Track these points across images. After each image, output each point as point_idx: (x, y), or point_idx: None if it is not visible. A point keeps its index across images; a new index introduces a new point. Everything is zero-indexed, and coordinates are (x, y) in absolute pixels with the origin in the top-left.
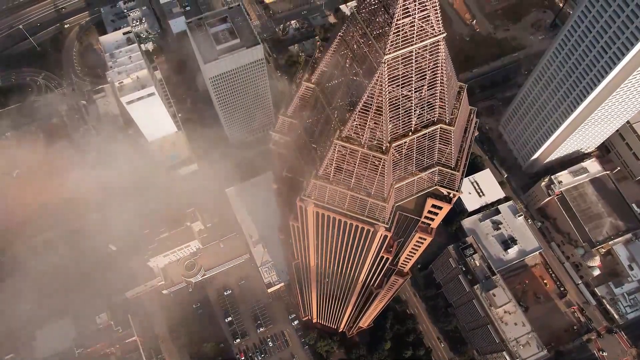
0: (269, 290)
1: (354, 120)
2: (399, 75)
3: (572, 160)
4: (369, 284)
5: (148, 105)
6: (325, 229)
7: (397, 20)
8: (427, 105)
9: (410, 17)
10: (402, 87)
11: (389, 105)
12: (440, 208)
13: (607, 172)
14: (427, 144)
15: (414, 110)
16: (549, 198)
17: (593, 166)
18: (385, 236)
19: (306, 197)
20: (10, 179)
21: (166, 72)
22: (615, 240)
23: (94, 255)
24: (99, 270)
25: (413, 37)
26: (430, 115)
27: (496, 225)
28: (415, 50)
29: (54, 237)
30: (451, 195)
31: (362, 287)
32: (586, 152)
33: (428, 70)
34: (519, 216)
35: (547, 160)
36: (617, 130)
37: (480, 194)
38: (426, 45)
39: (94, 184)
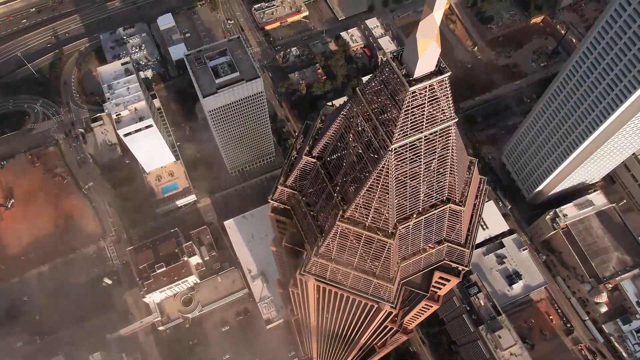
0: (268, 327)
1: (358, 201)
2: (406, 159)
3: (577, 191)
4: (371, 342)
5: (146, 137)
6: (326, 299)
7: (406, 109)
8: (436, 185)
9: (420, 106)
10: (410, 174)
11: (396, 187)
12: (448, 280)
13: (613, 204)
14: (435, 222)
15: (422, 191)
16: (554, 232)
17: (598, 199)
18: (390, 312)
19: (306, 273)
20: (4, 209)
21: (165, 100)
22: (623, 276)
23: (89, 290)
24: (94, 305)
25: (422, 124)
26: (439, 196)
27: (500, 259)
28: (425, 136)
29: (47, 270)
30: (460, 268)
31: (364, 344)
32: (591, 182)
33: (437, 151)
34: (524, 250)
35: (552, 192)
36: (622, 161)
37: (484, 226)
38: (436, 131)
39: (89, 215)
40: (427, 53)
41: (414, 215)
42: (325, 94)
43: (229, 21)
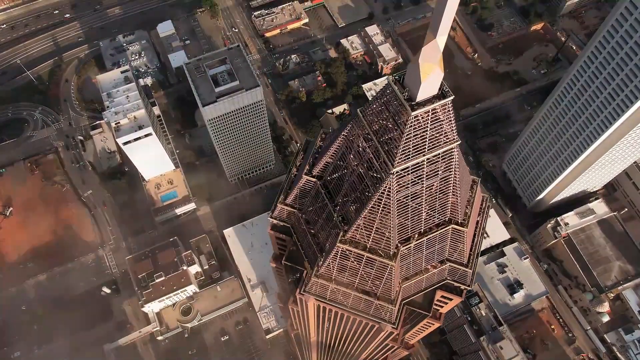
0: (268, 337)
1: (359, 222)
2: (408, 181)
3: (579, 199)
4: (372, 358)
5: (145, 145)
6: (326, 317)
7: (408, 132)
8: (438, 206)
9: (422, 129)
10: (412, 195)
11: (397, 209)
12: (450, 299)
13: (614, 213)
14: (438, 242)
15: (424, 213)
16: (556, 240)
17: (600, 207)
18: (392, 332)
19: (306, 293)
20: (3, 217)
21: (165, 107)
22: (625, 285)
23: (87, 300)
24: (92, 315)
25: (424, 147)
26: (441, 216)
27: (501, 268)
28: (427, 158)
29: (45, 279)
30: (462, 287)
31: (365, 359)
32: (592, 191)
33: (440, 173)
34: (525, 259)
35: (554, 200)
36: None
37: (485, 235)
38: (439, 154)
39: (88, 223)
40: (430, 78)
41: (416, 236)
42: (325, 101)
43: (233, 29)
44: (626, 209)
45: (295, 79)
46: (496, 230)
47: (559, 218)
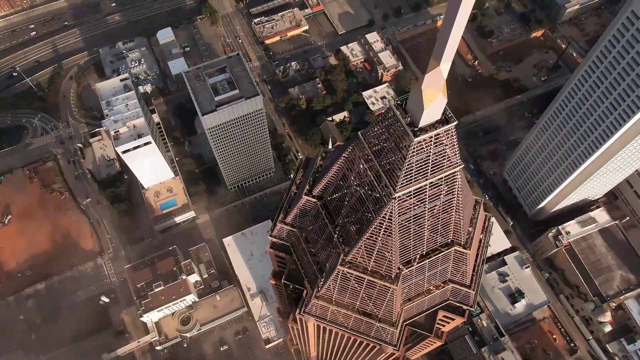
0: (267, 347)
1: (360, 245)
2: (410, 205)
3: (580, 207)
4: None
5: (144, 153)
6: (327, 337)
7: (410, 158)
8: (441, 229)
9: (425, 154)
10: (414, 219)
11: (399, 232)
12: (452, 318)
13: (616, 221)
14: (440, 264)
15: (426, 235)
16: (557, 249)
17: (601, 216)
18: (393, 353)
19: (306, 314)
20: (1, 225)
21: (164, 115)
22: (627, 295)
23: (85, 309)
24: (90, 324)
25: (427, 172)
26: (444, 239)
27: (503, 277)
28: (430, 182)
29: (44, 288)
30: (464, 307)
31: None
32: (594, 199)
33: (442, 196)
34: (526, 267)
35: (555, 209)
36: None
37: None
38: (441, 178)
39: (87, 231)
40: (433, 105)
41: (418, 259)
42: (325, 108)
43: (238, 39)
44: (627, 218)
45: (295, 86)
46: (497, 238)
47: (560, 227)
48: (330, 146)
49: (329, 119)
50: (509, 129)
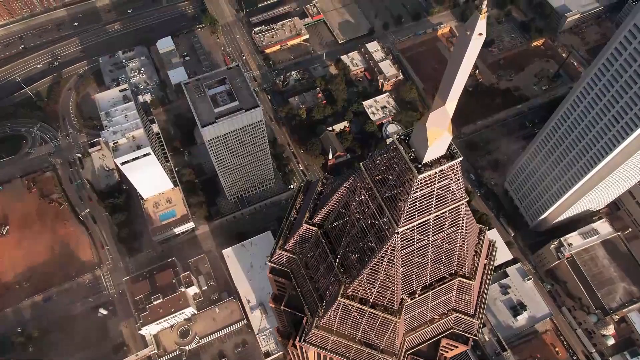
0: None
1: (362, 278)
2: (413, 239)
3: (582, 218)
4: None
5: (143, 165)
6: None
7: (414, 194)
8: (444, 260)
9: (429, 190)
10: (417, 251)
11: (402, 265)
12: (456, 346)
13: (618, 233)
14: (444, 294)
15: (430, 267)
16: (559, 261)
17: (603, 227)
18: None
19: (306, 343)
20: None
21: (164, 124)
22: (630, 308)
23: (83, 321)
24: (88, 336)
25: (431, 207)
26: (447, 269)
27: (504, 289)
28: (434, 216)
29: (42, 300)
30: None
31: None
32: (596, 210)
33: (446, 229)
34: (528, 280)
35: (557, 220)
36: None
37: None
38: (445, 211)
39: (85, 242)
40: (438, 142)
41: (421, 289)
42: (326, 118)
43: (238, 52)
44: (630, 229)
45: (296, 96)
46: (499, 250)
47: (562, 238)
48: (330, 156)
49: (329, 128)
50: (510, 138)
